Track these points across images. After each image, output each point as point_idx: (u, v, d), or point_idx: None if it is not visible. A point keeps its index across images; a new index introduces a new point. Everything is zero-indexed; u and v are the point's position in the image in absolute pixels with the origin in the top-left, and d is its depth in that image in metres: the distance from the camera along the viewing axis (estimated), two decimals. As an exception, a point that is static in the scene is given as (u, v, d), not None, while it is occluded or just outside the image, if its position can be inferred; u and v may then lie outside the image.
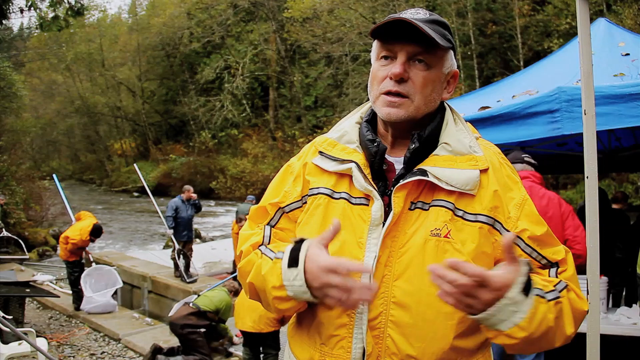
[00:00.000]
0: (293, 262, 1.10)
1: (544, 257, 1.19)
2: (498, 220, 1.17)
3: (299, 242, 1.13)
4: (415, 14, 1.17)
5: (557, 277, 1.18)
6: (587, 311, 1.19)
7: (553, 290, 1.11)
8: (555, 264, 1.20)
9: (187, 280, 8.53)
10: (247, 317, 4.63)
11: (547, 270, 1.20)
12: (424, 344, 1.12)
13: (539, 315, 1.05)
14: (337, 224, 1.09)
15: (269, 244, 1.28)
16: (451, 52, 1.24)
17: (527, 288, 1.03)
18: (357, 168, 1.21)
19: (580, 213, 5.27)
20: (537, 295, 1.06)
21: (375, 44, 1.25)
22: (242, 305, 4.73)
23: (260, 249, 1.25)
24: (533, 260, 1.19)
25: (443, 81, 1.24)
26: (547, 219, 2.84)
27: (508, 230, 1.17)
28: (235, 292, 5.56)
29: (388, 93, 1.19)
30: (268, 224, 1.32)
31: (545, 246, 1.19)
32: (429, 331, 1.12)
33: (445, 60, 1.22)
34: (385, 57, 1.21)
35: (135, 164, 14.11)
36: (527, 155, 3.21)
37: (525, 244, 1.18)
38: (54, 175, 10.77)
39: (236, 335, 5.81)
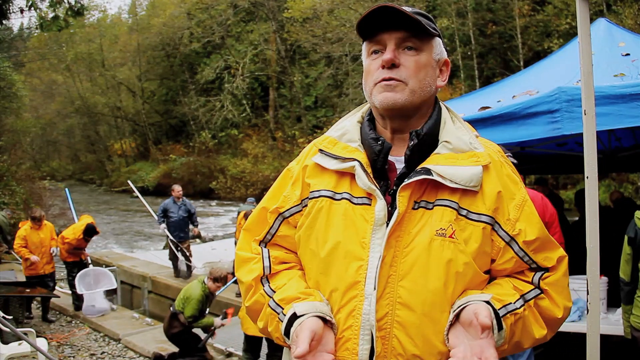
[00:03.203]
0: (287, 333, 1.17)
1: (534, 262, 1.21)
2: (497, 222, 1.18)
3: (294, 317, 1.16)
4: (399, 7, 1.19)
5: (539, 283, 1.20)
6: (561, 317, 1.22)
7: (518, 300, 1.17)
8: (545, 269, 1.21)
9: (180, 275, 8.60)
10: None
11: (533, 273, 1.22)
12: (430, 343, 1.12)
13: (509, 327, 1.13)
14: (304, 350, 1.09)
15: (270, 273, 1.29)
16: (439, 40, 1.26)
17: (499, 321, 1.10)
18: (360, 166, 1.20)
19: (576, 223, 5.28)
20: (504, 315, 1.13)
21: (364, 44, 1.27)
22: None
23: (266, 292, 1.27)
24: (523, 263, 1.20)
25: (435, 67, 1.25)
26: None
27: (506, 232, 1.18)
28: (214, 279, 5.25)
29: (382, 80, 1.20)
30: (264, 239, 1.33)
31: (539, 251, 1.20)
32: (435, 331, 1.12)
33: (433, 47, 1.24)
34: (375, 52, 1.23)
35: (129, 181, 14.36)
36: (509, 154, 3.17)
37: (519, 247, 1.18)
38: (67, 190, 10.99)
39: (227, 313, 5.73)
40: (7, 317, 5.09)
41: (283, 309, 1.19)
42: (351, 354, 1.15)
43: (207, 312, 5.46)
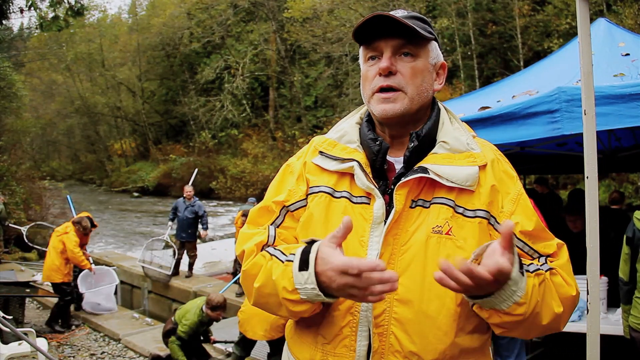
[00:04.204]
0: (304, 264, 1.08)
1: (535, 251, 1.21)
2: (493, 215, 1.19)
3: (310, 243, 1.11)
4: (395, 13, 1.20)
5: (546, 262, 1.19)
6: (575, 296, 1.18)
7: (536, 265, 1.15)
8: (546, 257, 1.22)
9: (168, 273, 8.73)
10: (257, 327, 4.60)
11: (537, 259, 1.22)
12: (427, 340, 1.13)
13: (531, 288, 1.07)
14: (348, 221, 1.04)
15: (273, 243, 1.25)
16: (435, 43, 1.27)
17: (521, 265, 1.06)
18: (358, 166, 1.22)
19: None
20: (527, 270, 1.09)
21: (361, 49, 1.28)
22: (252, 315, 4.68)
23: (267, 251, 1.21)
24: (524, 254, 1.21)
25: (432, 72, 1.26)
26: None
27: (501, 225, 1.17)
28: (212, 307, 5.06)
29: (380, 90, 1.21)
30: (273, 223, 1.30)
31: (538, 240, 1.21)
32: (432, 327, 1.13)
33: (430, 51, 1.25)
34: (372, 58, 1.24)
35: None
36: None
37: (517, 237, 1.19)
38: (68, 197, 11.02)
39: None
40: (7, 317, 5.09)
41: (287, 255, 1.15)
42: (349, 350, 1.16)
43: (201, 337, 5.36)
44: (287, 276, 1.10)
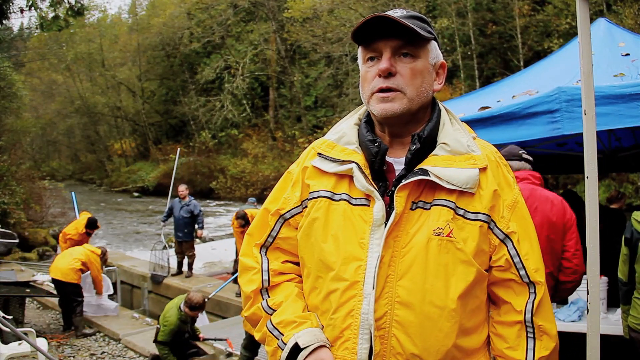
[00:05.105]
0: (291, 357, 1.17)
1: (524, 267, 1.20)
2: (493, 220, 1.19)
3: (297, 349, 1.16)
4: (394, 13, 1.20)
5: (532, 318, 1.19)
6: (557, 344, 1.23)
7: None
8: (533, 285, 1.20)
9: (164, 274, 8.80)
10: None
11: (525, 300, 1.20)
12: (428, 342, 1.13)
13: None
14: None
15: (269, 285, 1.31)
16: (434, 43, 1.26)
17: None
18: (357, 168, 1.21)
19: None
20: None
21: (360, 49, 1.27)
22: None
23: (263, 309, 1.29)
24: (512, 267, 1.20)
25: (432, 71, 1.26)
26: (549, 225, 2.70)
27: (500, 229, 1.19)
28: (191, 307, 4.94)
29: (379, 90, 1.20)
30: (265, 242, 1.34)
31: (529, 255, 1.21)
32: (433, 330, 1.13)
33: (429, 51, 1.24)
34: (371, 58, 1.24)
35: None
36: (524, 151, 3.04)
37: (513, 245, 1.20)
38: (72, 194, 11.01)
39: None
40: (7, 317, 5.09)
41: (283, 335, 1.21)
42: (350, 353, 1.16)
43: (186, 336, 5.25)
44: (276, 356, 1.22)
